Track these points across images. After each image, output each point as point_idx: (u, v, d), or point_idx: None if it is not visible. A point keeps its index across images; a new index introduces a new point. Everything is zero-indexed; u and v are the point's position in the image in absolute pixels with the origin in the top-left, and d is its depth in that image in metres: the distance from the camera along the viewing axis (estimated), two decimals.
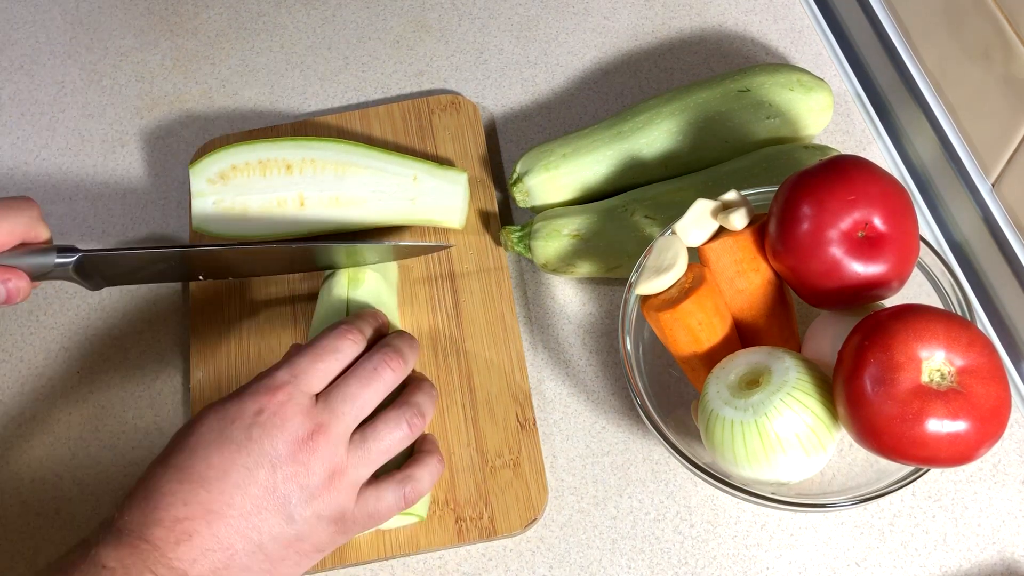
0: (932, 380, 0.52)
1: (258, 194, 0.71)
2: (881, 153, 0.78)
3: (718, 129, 0.72)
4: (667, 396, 0.64)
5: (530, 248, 0.71)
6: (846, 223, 0.56)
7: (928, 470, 0.57)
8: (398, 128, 0.79)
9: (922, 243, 0.60)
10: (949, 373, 0.52)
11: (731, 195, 0.62)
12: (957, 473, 0.65)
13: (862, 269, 0.56)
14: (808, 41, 0.83)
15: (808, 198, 0.57)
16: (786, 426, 0.55)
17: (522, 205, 0.74)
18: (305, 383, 0.55)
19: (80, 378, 0.73)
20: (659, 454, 0.67)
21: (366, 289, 0.67)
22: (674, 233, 0.62)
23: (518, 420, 0.67)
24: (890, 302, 0.59)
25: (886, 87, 0.80)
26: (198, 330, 0.72)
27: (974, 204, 0.71)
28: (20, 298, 0.61)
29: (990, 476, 0.65)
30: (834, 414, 0.56)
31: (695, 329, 0.60)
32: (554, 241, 0.70)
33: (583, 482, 0.67)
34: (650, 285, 0.60)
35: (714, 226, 0.61)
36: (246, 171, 0.71)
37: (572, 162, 0.72)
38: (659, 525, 0.65)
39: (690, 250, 0.62)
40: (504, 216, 0.77)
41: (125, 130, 0.84)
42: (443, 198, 0.72)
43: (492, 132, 0.81)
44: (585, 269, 0.71)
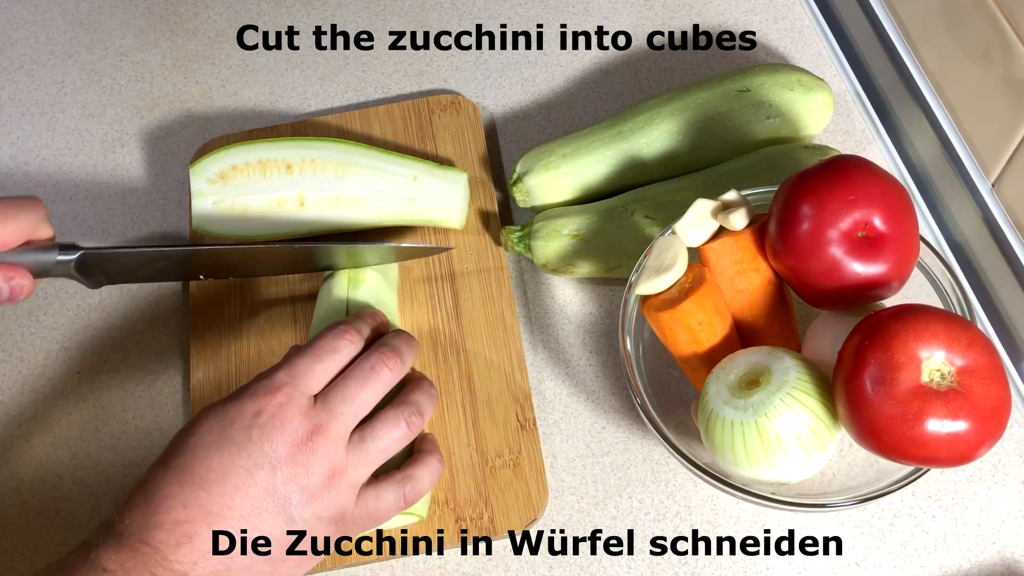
0: (932, 380, 0.52)
1: (258, 194, 0.71)
2: (881, 153, 0.78)
3: (718, 129, 0.72)
4: (667, 396, 0.64)
5: (530, 248, 0.71)
6: (846, 223, 0.56)
7: (928, 470, 0.57)
8: (398, 128, 0.79)
9: (922, 243, 0.60)
10: (949, 373, 0.52)
11: (731, 195, 0.62)
12: (957, 473, 0.65)
13: (862, 269, 0.56)
14: (808, 41, 0.83)
15: (808, 198, 0.57)
16: (786, 426, 0.55)
17: (522, 205, 0.74)
18: (304, 384, 0.55)
19: (80, 378, 0.73)
20: (659, 454, 0.67)
21: (366, 289, 0.67)
22: (674, 233, 0.62)
23: (518, 420, 0.67)
24: (890, 302, 0.59)
25: (886, 87, 0.80)
26: (198, 330, 0.72)
27: (974, 204, 0.71)
28: (23, 296, 0.61)
29: (990, 476, 0.65)
30: (834, 414, 0.56)
31: (695, 329, 0.60)
32: (554, 241, 0.70)
33: (583, 482, 0.67)
34: (650, 285, 0.60)
35: (714, 226, 0.61)
36: (246, 171, 0.71)
37: (572, 162, 0.72)
38: (659, 525, 0.65)
39: (690, 250, 0.62)
40: (504, 216, 0.77)
41: (125, 130, 0.84)
42: (443, 198, 0.72)
43: (492, 132, 0.81)
44: (585, 269, 0.71)
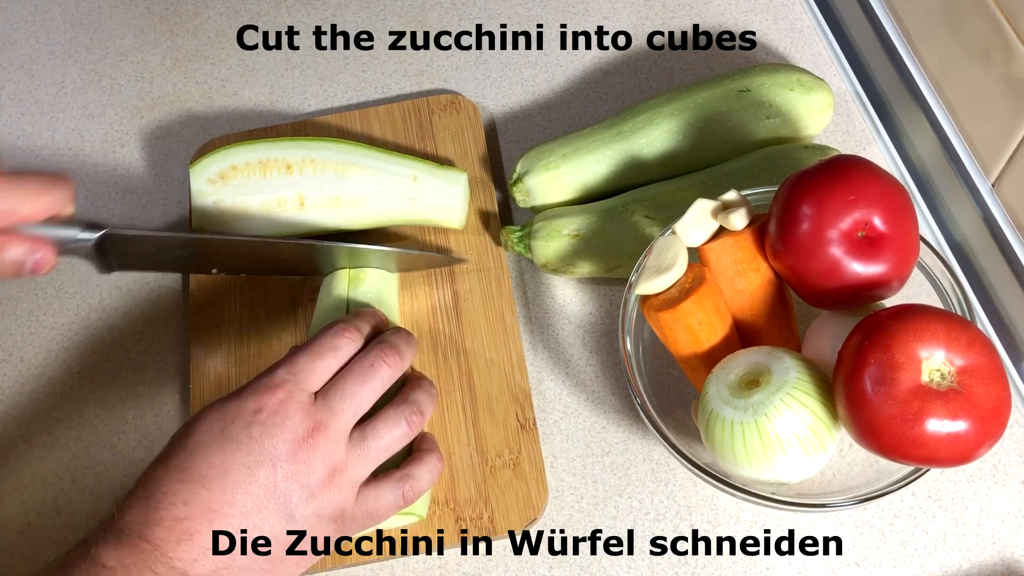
0: (932, 380, 0.52)
1: (258, 194, 0.71)
2: (881, 153, 0.78)
3: (718, 129, 0.72)
4: (667, 396, 0.64)
5: (530, 248, 0.71)
6: (846, 223, 0.56)
7: (928, 470, 0.57)
8: (398, 128, 0.79)
9: (922, 243, 0.60)
10: (949, 373, 0.52)
11: (731, 195, 0.62)
12: (957, 473, 0.65)
13: (862, 269, 0.56)
14: (808, 41, 0.83)
15: (808, 198, 0.57)
16: (786, 426, 0.55)
17: (522, 205, 0.74)
18: (304, 381, 0.55)
19: (80, 378, 0.72)
20: (659, 454, 0.67)
21: (366, 288, 0.67)
22: (674, 233, 0.62)
23: (518, 420, 0.67)
24: (890, 302, 0.59)
25: (886, 87, 0.80)
26: (198, 330, 0.72)
27: (974, 204, 0.71)
28: (46, 270, 0.61)
29: (990, 476, 0.65)
30: (834, 414, 0.56)
31: (695, 329, 0.60)
32: (554, 241, 0.70)
33: (583, 482, 0.67)
34: (650, 285, 0.60)
35: (714, 226, 0.61)
36: (246, 171, 0.71)
37: (572, 162, 0.72)
38: (659, 525, 0.65)
39: (690, 250, 0.62)
40: (504, 216, 0.77)
41: (125, 130, 0.84)
42: (443, 198, 0.72)
43: (492, 132, 0.81)
44: (585, 269, 0.71)
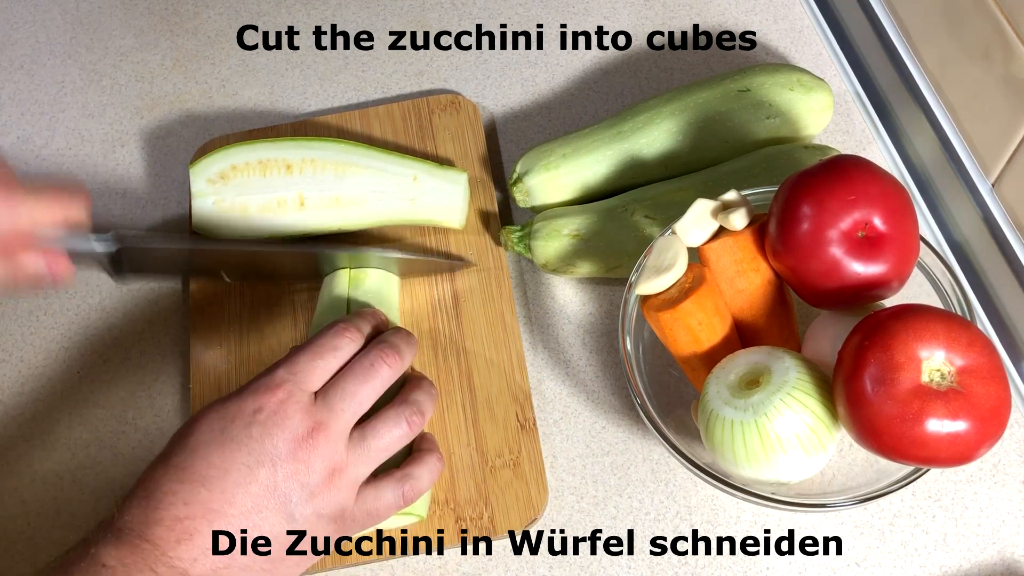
0: (932, 380, 0.52)
1: (258, 194, 0.71)
2: (881, 153, 0.78)
3: (718, 129, 0.72)
4: (667, 396, 0.64)
5: (530, 248, 0.71)
6: (846, 223, 0.56)
7: (928, 470, 0.57)
8: (398, 128, 0.79)
9: (922, 243, 0.60)
10: (949, 373, 0.52)
11: (731, 195, 0.62)
12: (957, 473, 0.65)
13: (862, 269, 0.56)
14: (808, 41, 0.83)
15: (808, 198, 0.57)
16: (786, 426, 0.55)
17: (522, 205, 0.74)
18: (304, 381, 0.55)
19: (80, 378, 0.72)
20: (659, 454, 0.67)
21: (367, 288, 0.67)
22: (674, 233, 0.62)
23: (518, 420, 0.67)
24: (890, 302, 0.59)
25: (886, 87, 0.80)
26: (198, 330, 0.72)
27: (974, 204, 0.71)
28: (64, 283, 0.62)
29: (990, 476, 0.65)
30: (834, 414, 0.56)
31: (695, 329, 0.60)
32: (554, 241, 0.70)
33: (583, 482, 0.67)
34: (650, 285, 0.60)
35: (714, 226, 0.61)
36: (246, 171, 0.71)
37: (572, 162, 0.72)
38: (659, 525, 0.65)
39: (690, 250, 0.62)
40: (504, 216, 0.77)
41: (125, 130, 0.84)
42: (443, 198, 0.72)
43: (492, 132, 0.81)
44: (585, 269, 0.71)
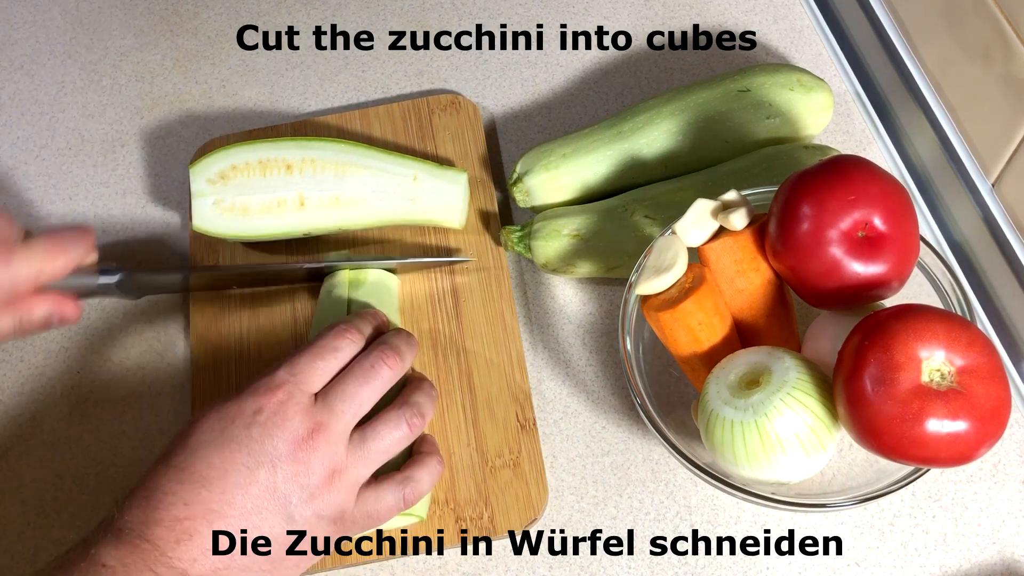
0: (932, 380, 0.52)
1: (258, 194, 0.71)
2: (881, 153, 0.78)
3: (718, 129, 0.72)
4: (667, 396, 0.64)
5: (530, 248, 0.71)
6: (846, 223, 0.56)
7: (928, 470, 0.57)
8: (398, 128, 0.79)
9: (922, 243, 0.60)
10: (949, 373, 0.52)
11: (731, 195, 0.62)
12: (957, 473, 0.65)
13: (862, 269, 0.56)
14: (808, 41, 0.83)
15: (808, 198, 0.57)
16: (786, 426, 0.55)
17: (522, 205, 0.74)
18: (304, 382, 0.56)
19: (80, 378, 0.72)
20: (659, 454, 0.67)
21: (367, 289, 0.67)
22: (674, 233, 0.62)
23: (518, 420, 0.67)
24: (890, 302, 0.59)
25: (886, 87, 0.80)
26: (198, 330, 0.72)
27: (974, 204, 0.71)
28: (72, 322, 0.67)
29: (990, 476, 0.65)
30: (834, 414, 0.56)
31: (695, 329, 0.60)
32: (554, 241, 0.70)
33: (583, 482, 0.67)
34: (650, 285, 0.60)
35: (714, 226, 0.61)
36: (246, 171, 0.71)
37: (572, 162, 0.72)
38: (659, 525, 0.65)
39: (690, 250, 0.62)
40: (504, 216, 0.77)
41: (125, 130, 0.84)
42: (443, 198, 0.72)
43: (492, 132, 0.81)
44: (585, 269, 0.71)
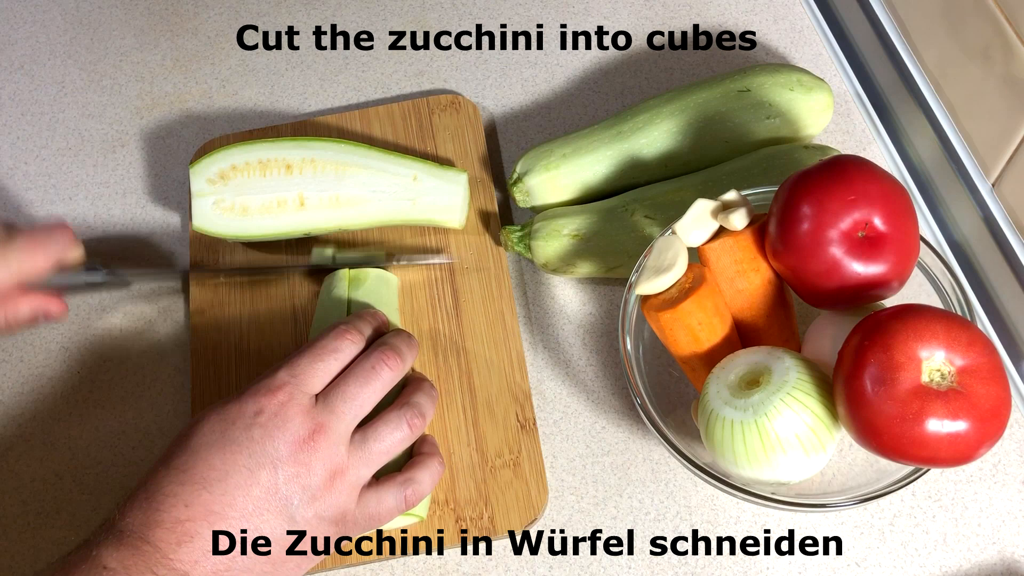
0: (932, 380, 0.52)
1: (258, 194, 0.71)
2: (881, 153, 0.78)
3: (718, 129, 0.72)
4: (667, 396, 0.64)
5: (530, 248, 0.71)
6: (846, 223, 0.56)
7: (928, 470, 0.57)
8: (398, 128, 0.79)
9: (922, 243, 0.60)
10: (949, 373, 0.52)
11: (731, 195, 0.62)
12: (957, 473, 0.65)
13: (862, 269, 0.56)
14: (808, 41, 0.83)
15: (808, 198, 0.57)
16: (786, 426, 0.55)
17: (522, 205, 0.74)
18: (305, 383, 0.56)
19: (80, 378, 0.72)
20: (659, 454, 0.67)
21: (367, 289, 0.67)
22: (674, 233, 0.62)
23: (518, 420, 0.67)
24: (890, 302, 0.59)
25: (886, 87, 0.80)
26: (198, 330, 0.72)
27: (974, 204, 0.71)
28: (58, 319, 0.68)
29: (990, 476, 0.65)
30: (834, 414, 0.56)
31: (695, 329, 0.60)
32: (554, 241, 0.70)
33: (583, 482, 0.67)
34: (650, 285, 0.60)
35: (714, 226, 0.61)
36: (246, 171, 0.71)
37: (572, 162, 0.72)
38: (659, 525, 0.65)
39: (690, 250, 0.62)
40: (504, 216, 0.77)
41: (125, 130, 0.84)
42: (443, 198, 0.72)
43: (492, 132, 0.81)
44: (585, 269, 0.71)
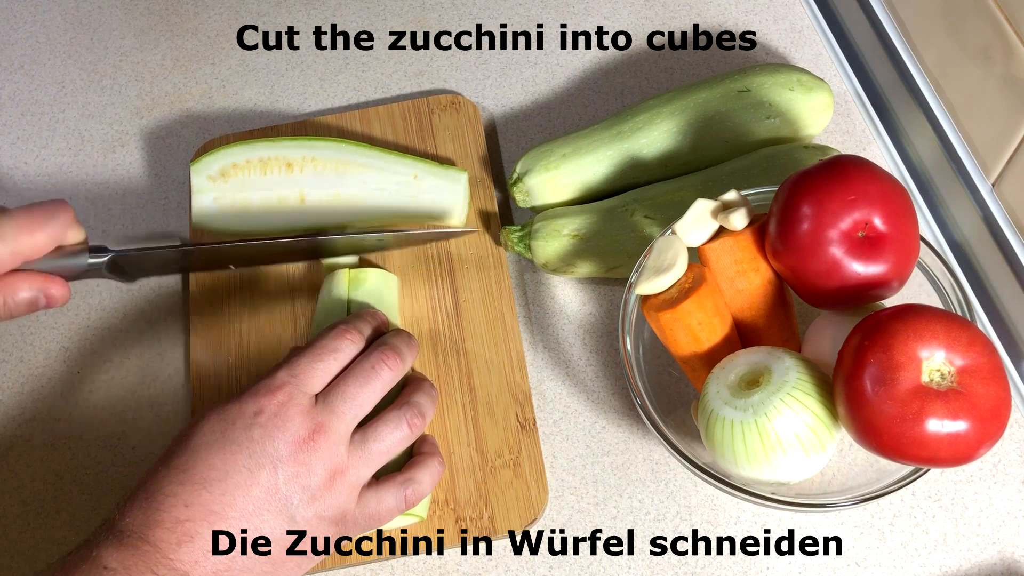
0: (932, 380, 0.52)
1: (258, 192, 0.71)
2: (881, 153, 0.78)
3: (718, 129, 0.72)
4: (667, 396, 0.64)
5: (530, 248, 0.71)
6: (846, 223, 0.56)
7: (928, 470, 0.57)
8: (398, 128, 0.79)
9: (922, 243, 0.60)
10: (949, 373, 0.52)
11: (731, 195, 0.62)
12: (957, 473, 0.65)
13: (862, 269, 0.56)
14: (808, 41, 0.83)
15: (808, 198, 0.57)
16: (786, 426, 0.55)
17: (522, 205, 0.74)
18: (304, 383, 0.56)
19: (80, 378, 0.72)
20: (659, 454, 0.67)
21: (367, 289, 0.67)
22: (674, 233, 0.62)
23: (518, 420, 0.67)
24: (890, 302, 0.59)
25: (886, 87, 0.80)
26: (198, 330, 0.72)
27: (974, 204, 0.71)
28: (60, 303, 0.63)
29: (990, 476, 0.65)
30: (834, 414, 0.56)
31: (695, 329, 0.60)
32: (554, 241, 0.70)
33: (583, 482, 0.67)
34: (650, 285, 0.60)
35: (714, 226, 0.61)
36: (247, 169, 0.71)
37: (572, 162, 0.72)
38: (659, 525, 0.65)
39: (690, 250, 0.62)
40: (504, 216, 0.77)
41: (125, 130, 0.84)
42: (443, 197, 0.72)
43: (492, 132, 0.81)
44: (585, 269, 0.71)
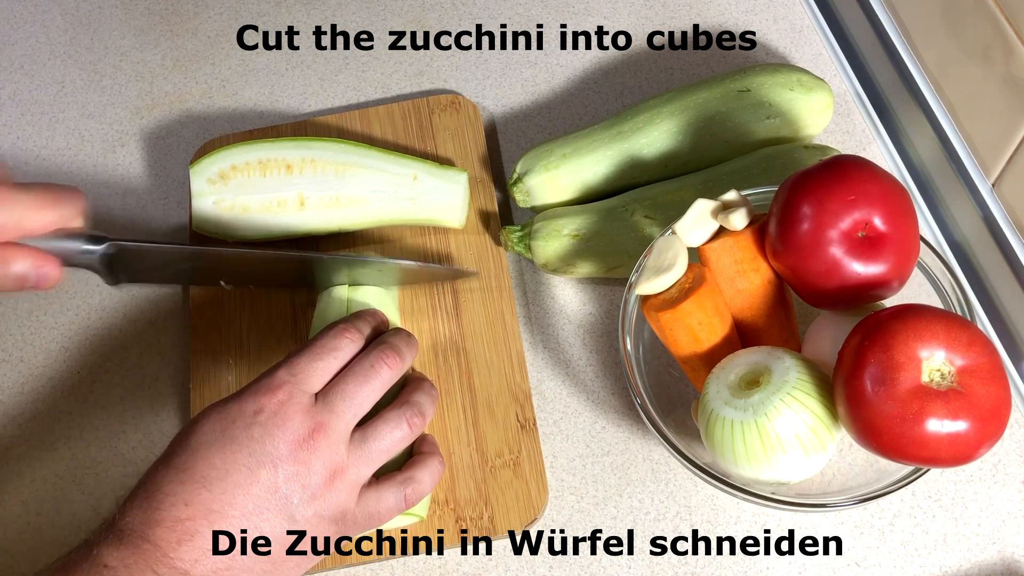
0: (932, 380, 0.52)
1: (258, 194, 0.71)
2: (881, 153, 0.78)
3: (718, 129, 0.72)
4: (667, 396, 0.64)
5: (530, 248, 0.71)
6: (846, 223, 0.56)
7: (928, 470, 0.57)
8: (398, 128, 0.79)
9: (922, 243, 0.60)
10: (949, 373, 0.52)
11: (731, 195, 0.62)
12: (957, 473, 0.65)
13: (862, 269, 0.56)
14: (808, 41, 0.83)
15: (808, 198, 0.57)
16: (786, 426, 0.55)
17: (522, 205, 0.74)
18: (304, 382, 0.56)
19: (80, 378, 0.72)
20: (659, 454, 0.67)
21: (366, 289, 0.67)
22: (674, 233, 0.62)
23: (518, 420, 0.67)
24: (890, 302, 0.59)
25: (886, 87, 0.80)
26: (198, 330, 0.72)
27: (974, 204, 0.71)
28: (50, 285, 0.61)
29: (990, 476, 0.65)
30: (834, 414, 0.56)
31: (695, 329, 0.60)
32: (554, 241, 0.70)
33: (583, 482, 0.67)
34: (650, 285, 0.60)
35: (714, 226, 0.61)
36: (246, 171, 0.71)
37: (572, 162, 0.72)
38: (659, 525, 0.65)
39: (690, 250, 0.62)
40: (504, 216, 0.77)
41: (125, 130, 0.84)
42: (443, 197, 0.72)
43: (492, 132, 0.81)
44: (585, 269, 0.71)
